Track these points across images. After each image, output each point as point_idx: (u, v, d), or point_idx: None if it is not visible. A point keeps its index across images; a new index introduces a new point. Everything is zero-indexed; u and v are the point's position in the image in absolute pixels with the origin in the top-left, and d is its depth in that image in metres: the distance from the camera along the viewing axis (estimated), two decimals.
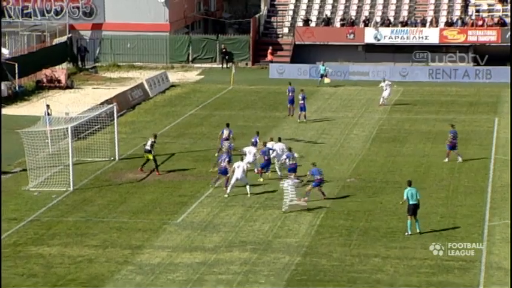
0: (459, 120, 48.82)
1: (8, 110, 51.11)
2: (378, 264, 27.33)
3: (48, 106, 43.93)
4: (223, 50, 67.44)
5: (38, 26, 67.75)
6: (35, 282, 26.12)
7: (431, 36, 65.57)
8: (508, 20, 65.77)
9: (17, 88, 56.55)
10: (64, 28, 68.30)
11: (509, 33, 64.15)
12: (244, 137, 42.40)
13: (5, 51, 61.40)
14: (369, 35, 66.48)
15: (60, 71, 60.81)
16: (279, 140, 37.99)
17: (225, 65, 66.84)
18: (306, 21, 68.63)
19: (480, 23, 65.63)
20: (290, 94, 49.17)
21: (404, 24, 66.84)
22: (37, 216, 32.41)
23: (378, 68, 62.80)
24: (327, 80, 48.81)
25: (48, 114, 42.42)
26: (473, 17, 66.62)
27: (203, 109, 53.20)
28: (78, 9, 68.83)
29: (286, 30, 69.52)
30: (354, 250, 28.56)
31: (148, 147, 37.84)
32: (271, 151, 36.57)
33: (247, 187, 33.61)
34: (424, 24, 66.59)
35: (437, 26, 66.31)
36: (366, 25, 67.33)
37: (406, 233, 29.63)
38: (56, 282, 26.20)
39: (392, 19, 67.94)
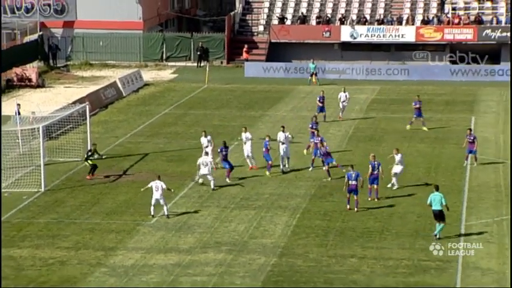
0: (436, 119, 49.08)
1: None
2: (354, 264, 27.42)
3: (18, 105, 43.68)
4: (201, 48, 67.27)
5: (8, 24, 67.27)
6: (5, 285, 25.95)
7: (407, 34, 65.86)
8: (484, 18, 66.22)
9: None
10: (35, 26, 67.93)
11: (485, 32, 64.63)
12: (220, 137, 42.34)
13: None
14: (345, 33, 66.66)
15: (31, 70, 60.46)
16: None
17: (200, 63, 66.68)
18: (282, 19, 68.71)
19: (456, 21, 66.00)
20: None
21: (381, 22, 67.11)
22: (7, 218, 32.19)
23: (354, 66, 63.00)
24: None
25: (19, 113, 42.17)
26: (450, 15, 67.00)
27: (177, 108, 53.10)
28: (50, 7, 68.48)
29: (261, 28, 69.55)
30: (331, 251, 28.64)
31: (86, 155, 37.65)
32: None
33: (165, 208, 32.16)
34: (400, 22, 66.87)
35: (413, 24, 66.60)
36: (342, 23, 67.51)
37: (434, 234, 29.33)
38: (27, 284, 26.08)
39: (368, 17, 68.18)
